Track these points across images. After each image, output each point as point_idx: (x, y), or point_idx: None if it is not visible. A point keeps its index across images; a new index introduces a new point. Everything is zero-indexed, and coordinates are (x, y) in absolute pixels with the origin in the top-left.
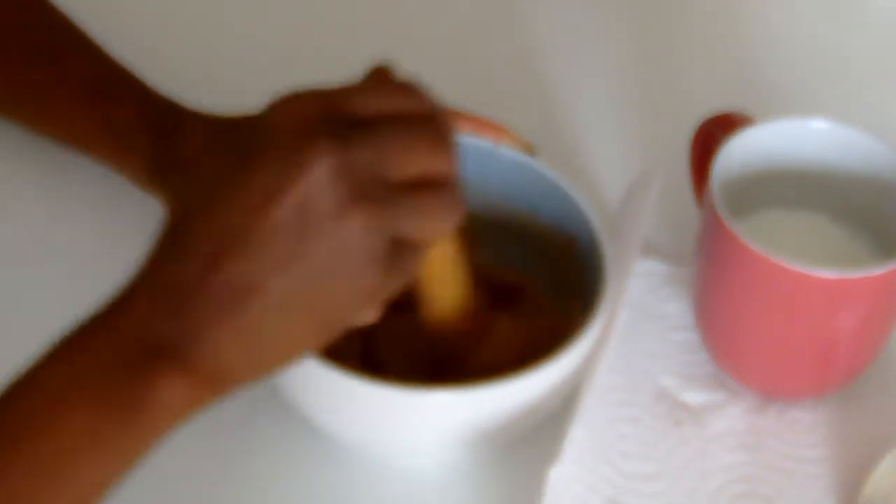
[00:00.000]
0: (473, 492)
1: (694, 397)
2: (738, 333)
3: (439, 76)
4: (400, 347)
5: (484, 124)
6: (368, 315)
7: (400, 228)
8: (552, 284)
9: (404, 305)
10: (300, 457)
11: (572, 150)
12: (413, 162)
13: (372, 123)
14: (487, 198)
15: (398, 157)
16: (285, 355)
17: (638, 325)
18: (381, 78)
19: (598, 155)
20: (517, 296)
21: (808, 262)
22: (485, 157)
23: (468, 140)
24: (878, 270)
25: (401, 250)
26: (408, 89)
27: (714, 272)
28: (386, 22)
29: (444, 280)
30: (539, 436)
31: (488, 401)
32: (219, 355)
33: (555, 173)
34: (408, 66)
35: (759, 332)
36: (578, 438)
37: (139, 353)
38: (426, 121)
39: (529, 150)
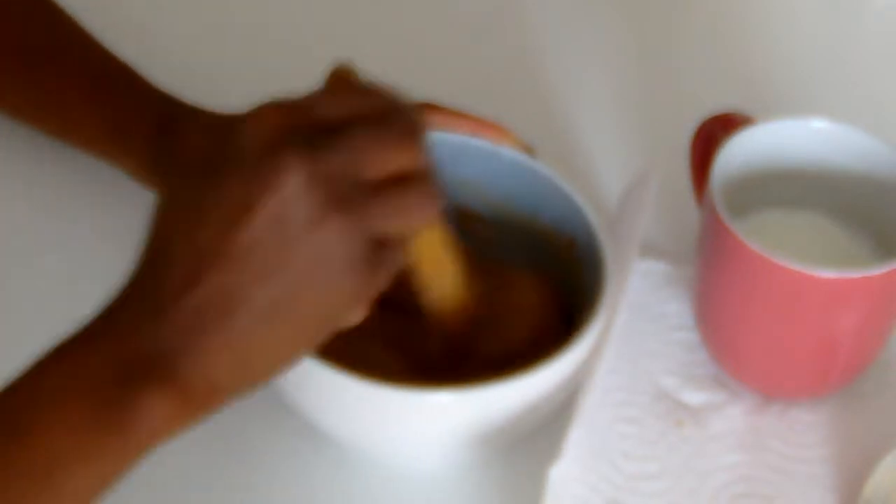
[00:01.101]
0: (473, 492)
1: (694, 397)
2: (738, 333)
3: (439, 76)
4: (396, 346)
5: (483, 125)
6: (356, 315)
7: (377, 228)
8: (552, 285)
9: (395, 305)
10: (299, 458)
11: (572, 150)
12: (383, 160)
13: (339, 128)
14: (487, 199)
15: (368, 157)
16: (273, 364)
17: (638, 325)
18: (341, 81)
19: (598, 155)
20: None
21: (807, 262)
22: (484, 158)
23: (468, 141)
24: (878, 270)
25: (382, 248)
26: (368, 89)
27: (714, 272)
28: (386, 22)
29: (437, 265)
30: (539, 436)
31: (489, 401)
32: (206, 369)
33: (554, 174)
34: (408, 66)
35: (759, 332)
36: (579, 438)
37: (127, 370)
38: (392, 116)
39: (529, 151)
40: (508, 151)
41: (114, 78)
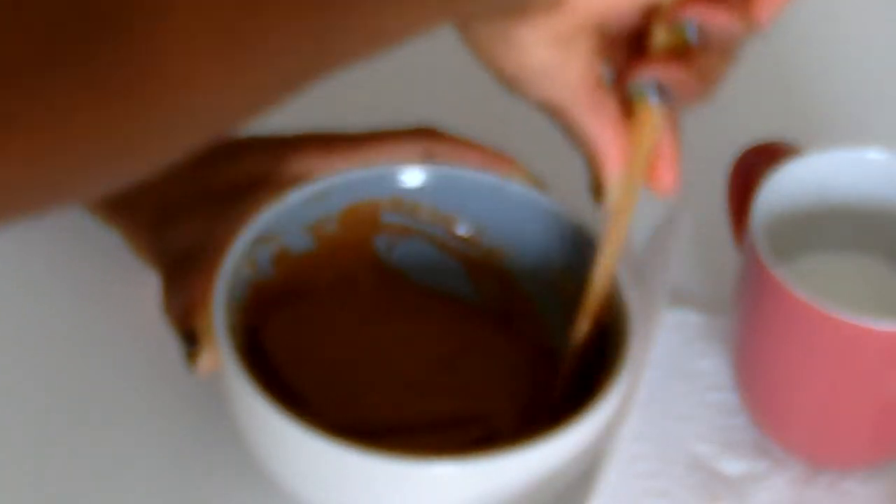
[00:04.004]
0: None
1: (733, 467)
2: (782, 394)
3: (446, 104)
4: None
5: (491, 156)
6: None
7: None
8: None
9: None
10: None
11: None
12: None
13: None
14: (492, 238)
15: None
16: None
17: (668, 384)
18: None
19: None
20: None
21: (863, 312)
22: (490, 194)
23: (472, 174)
24: None
25: None
26: None
27: (755, 324)
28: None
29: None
30: None
31: (495, 473)
32: None
33: (568, 210)
34: (414, 93)
35: (807, 392)
36: None
37: None
38: None
39: (538, 185)
40: (516, 186)
41: None
